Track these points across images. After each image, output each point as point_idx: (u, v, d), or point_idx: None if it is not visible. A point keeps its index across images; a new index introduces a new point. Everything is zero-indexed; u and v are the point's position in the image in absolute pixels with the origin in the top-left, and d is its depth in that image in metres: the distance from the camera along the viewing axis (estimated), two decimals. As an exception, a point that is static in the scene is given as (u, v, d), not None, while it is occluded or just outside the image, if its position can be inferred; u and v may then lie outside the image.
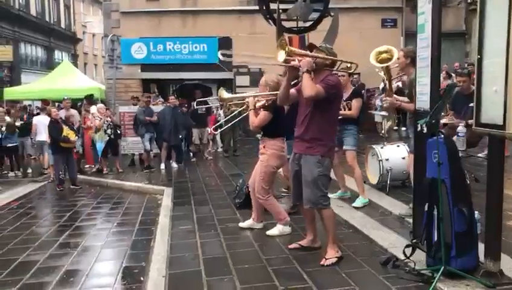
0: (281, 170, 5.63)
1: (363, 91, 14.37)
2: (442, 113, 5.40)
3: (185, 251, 4.67)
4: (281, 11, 9.29)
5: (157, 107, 11.58)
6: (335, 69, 4.23)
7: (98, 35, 33.67)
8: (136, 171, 10.63)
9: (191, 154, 12.05)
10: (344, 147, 5.76)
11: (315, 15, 9.63)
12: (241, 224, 5.30)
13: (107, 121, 10.40)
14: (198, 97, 12.50)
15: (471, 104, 3.60)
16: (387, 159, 6.11)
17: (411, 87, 4.78)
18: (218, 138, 13.37)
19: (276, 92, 4.61)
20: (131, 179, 9.45)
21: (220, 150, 13.21)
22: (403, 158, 6.04)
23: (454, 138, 4.51)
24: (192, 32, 16.26)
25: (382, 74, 6.34)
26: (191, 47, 16.37)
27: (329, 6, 11.53)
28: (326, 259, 4.04)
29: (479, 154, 8.10)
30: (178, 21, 16.35)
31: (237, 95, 5.81)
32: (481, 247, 3.44)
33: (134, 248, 5.15)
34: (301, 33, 9.84)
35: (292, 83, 4.21)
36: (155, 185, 8.61)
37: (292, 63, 3.96)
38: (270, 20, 9.71)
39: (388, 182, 6.08)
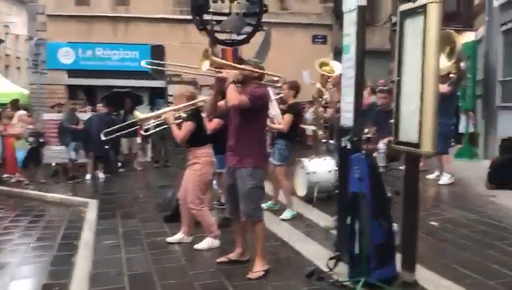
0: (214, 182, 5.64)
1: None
2: (366, 130, 5.70)
3: (109, 267, 4.51)
4: (214, 22, 9.34)
5: (85, 115, 11.15)
6: (262, 82, 4.30)
7: (22, 37, 31.91)
8: (59, 181, 10.13)
9: (120, 164, 11.71)
10: (273, 162, 5.87)
11: (248, 29, 9.76)
12: (169, 239, 5.19)
13: (28, 128, 9.86)
14: (128, 106, 12.24)
15: (392, 121, 3.81)
16: (314, 172, 6.29)
17: None
18: (148, 147, 13.11)
19: (193, 102, 4.65)
20: (54, 190, 8.99)
21: (149, 160, 12.93)
22: (329, 171, 6.25)
23: (375, 153, 4.73)
24: (124, 38, 15.89)
25: (318, 85, 6.57)
26: (122, 54, 16.00)
27: (262, 21, 11.77)
28: (253, 272, 4.07)
29: (401, 167, 8.57)
30: (109, 27, 15.91)
31: (153, 113, 5.75)
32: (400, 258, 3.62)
33: (55, 264, 4.89)
34: (234, 46, 9.94)
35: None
36: (80, 197, 8.24)
37: (219, 74, 4.00)
38: (203, 31, 9.71)
39: (315, 194, 6.25)
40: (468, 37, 12.95)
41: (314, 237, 5.07)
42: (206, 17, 9.46)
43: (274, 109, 5.90)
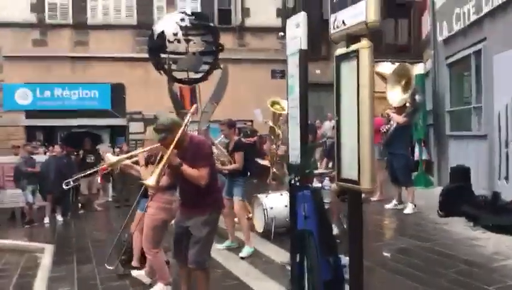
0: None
1: (255, 138, 14.91)
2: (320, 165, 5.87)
3: (60, 317, 4.41)
4: (171, 62, 9.45)
5: (40, 157, 10.95)
6: (184, 127, 4.09)
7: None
8: (16, 226, 9.85)
9: (79, 205, 11.48)
10: (233, 198, 5.94)
11: (206, 67, 9.91)
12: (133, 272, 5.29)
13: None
14: (87, 145, 12.13)
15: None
16: (271, 208, 6.37)
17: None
18: (109, 186, 12.94)
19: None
20: (9, 236, 8.73)
21: (110, 199, 12.74)
22: (286, 206, 6.33)
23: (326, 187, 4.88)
24: (83, 78, 15.76)
25: (270, 123, 6.78)
26: (81, 93, 15.84)
27: (220, 57, 11.98)
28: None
29: (372, 198, 8.81)
30: (67, 67, 15.78)
31: (125, 155, 5.70)
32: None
33: (4, 317, 4.75)
34: (192, 84, 10.05)
35: None
36: (36, 242, 8.02)
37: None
38: (161, 71, 9.80)
39: (272, 230, 6.31)
40: (419, 69, 13.57)
41: (271, 274, 5.10)
42: (164, 56, 9.55)
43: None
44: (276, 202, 6.45)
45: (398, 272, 4.73)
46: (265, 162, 7.63)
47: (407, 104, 8.07)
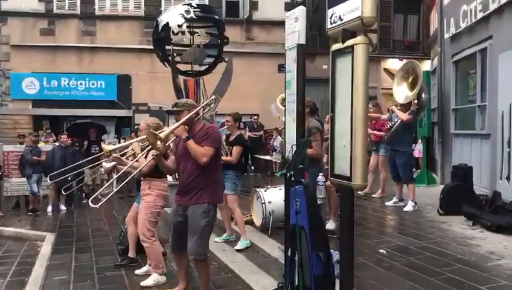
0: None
1: (261, 132, 14.93)
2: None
3: (55, 305, 4.46)
4: (175, 54, 9.45)
5: (46, 146, 11.03)
6: (201, 115, 4.35)
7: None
8: (20, 214, 9.93)
9: (84, 195, 11.57)
10: (225, 192, 5.94)
11: (210, 59, 9.90)
12: (137, 271, 5.25)
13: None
14: (93, 136, 12.18)
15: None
16: (270, 202, 6.37)
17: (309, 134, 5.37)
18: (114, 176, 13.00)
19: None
20: (12, 224, 8.81)
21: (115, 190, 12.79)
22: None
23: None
24: (90, 68, 15.88)
25: (283, 118, 6.78)
26: (87, 84, 15.94)
27: (227, 50, 11.96)
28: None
29: (374, 195, 8.81)
30: (74, 57, 15.89)
31: (122, 144, 5.79)
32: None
33: (1, 303, 4.81)
34: (196, 76, 10.05)
35: None
36: (37, 231, 8.10)
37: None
38: (165, 62, 9.81)
39: (270, 224, 6.32)
40: (426, 66, 13.47)
41: (266, 269, 5.11)
42: (168, 48, 9.56)
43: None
44: (274, 196, 6.44)
45: (392, 269, 4.72)
46: (267, 157, 7.61)
47: (413, 102, 8.01)
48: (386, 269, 4.73)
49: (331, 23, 3.57)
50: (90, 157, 8.17)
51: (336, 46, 3.58)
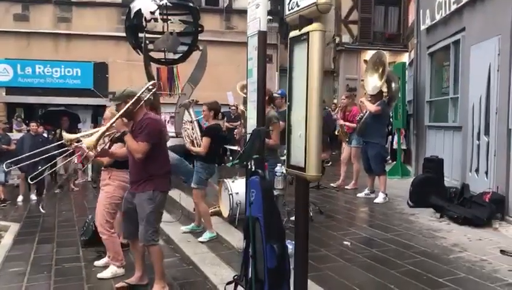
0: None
1: (238, 122, 14.79)
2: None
3: (6, 297, 4.33)
4: (148, 42, 9.27)
5: (16, 135, 10.78)
6: (142, 102, 4.19)
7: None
8: (-12, 204, 9.69)
9: (57, 184, 11.36)
10: (192, 185, 5.84)
11: (184, 48, 9.74)
12: (96, 263, 5.15)
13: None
14: (65, 124, 11.92)
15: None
16: (237, 193, 6.26)
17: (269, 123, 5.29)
18: (89, 166, 12.79)
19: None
20: (-21, 214, 8.60)
21: (90, 180, 12.62)
22: (252, 192, 6.24)
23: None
24: (65, 56, 15.52)
25: (241, 106, 6.68)
26: (63, 71, 15.60)
27: (207, 38, 11.78)
28: (153, 295, 4.02)
29: (347, 187, 8.78)
30: (49, 43, 15.51)
31: (83, 133, 5.61)
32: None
33: (-48, 296, 4.65)
34: (170, 64, 9.89)
35: None
36: (2, 221, 7.91)
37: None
38: (138, 50, 9.62)
39: (237, 215, 6.23)
40: (405, 58, 13.46)
41: (228, 260, 5.02)
42: (141, 35, 9.36)
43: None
44: (242, 188, 6.33)
45: (353, 262, 4.67)
46: (235, 147, 7.51)
47: (384, 94, 7.98)
48: (347, 261, 4.68)
49: (289, 10, 3.47)
50: (59, 146, 7.97)
51: (292, 34, 3.48)
